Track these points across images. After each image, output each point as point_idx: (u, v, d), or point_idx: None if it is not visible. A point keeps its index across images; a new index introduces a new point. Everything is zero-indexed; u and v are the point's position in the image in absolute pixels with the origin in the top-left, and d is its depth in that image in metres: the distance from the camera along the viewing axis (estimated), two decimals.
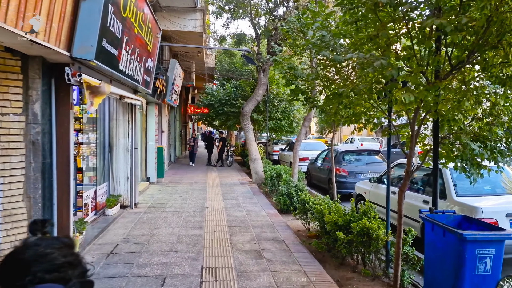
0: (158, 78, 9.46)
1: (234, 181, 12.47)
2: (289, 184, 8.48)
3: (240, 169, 16.23)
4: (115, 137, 7.76)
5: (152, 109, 11.43)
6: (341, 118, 5.29)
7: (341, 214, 5.19)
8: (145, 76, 7.31)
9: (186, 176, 13.54)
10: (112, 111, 7.74)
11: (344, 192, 9.54)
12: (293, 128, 17.11)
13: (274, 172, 10.07)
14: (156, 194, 9.84)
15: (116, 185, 7.80)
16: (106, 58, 4.56)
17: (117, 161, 7.77)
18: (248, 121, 11.86)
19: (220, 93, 16.19)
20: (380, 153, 10.62)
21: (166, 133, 15.51)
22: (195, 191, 10.28)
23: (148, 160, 11.40)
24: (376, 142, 26.07)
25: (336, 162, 10.17)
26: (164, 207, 8.22)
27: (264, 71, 11.64)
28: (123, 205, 7.83)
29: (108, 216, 6.98)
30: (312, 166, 12.08)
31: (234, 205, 8.46)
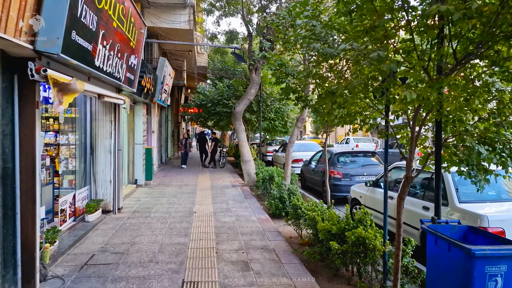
0: (144, 77, 9.05)
1: (226, 183, 12.07)
2: (282, 187, 8.12)
3: (233, 171, 15.84)
4: (97, 138, 7.34)
5: (140, 109, 11.00)
6: (334, 118, 4.93)
7: (335, 222, 4.82)
8: (128, 74, 6.89)
9: (177, 178, 13.12)
10: (94, 111, 7.31)
11: (339, 196, 9.20)
12: (287, 128, 16.76)
13: (266, 174, 9.70)
14: (143, 197, 9.41)
15: (98, 189, 7.37)
16: (77, 52, 4.15)
17: (99, 164, 7.34)
18: (240, 122, 11.48)
19: (212, 93, 15.79)
20: (376, 155, 10.29)
21: (157, 134, 15.07)
22: (184, 194, 9.87)
23: (136, 162, 10.97)
24: (372, 143, 25.81)
25: (330, 164, 9.82)
26: (150, 211, 7.81)
27: (256, 70, 11.26)
28: (106, 210, 7.40)
29: (88, 222, 6.55)
30: (306, 168, 11.72)
31: (223, 210, 8.07)
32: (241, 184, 11.93)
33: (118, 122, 7.58)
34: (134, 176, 10.99)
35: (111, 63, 5.56)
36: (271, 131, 17.23)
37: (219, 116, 15.77)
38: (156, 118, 14.94)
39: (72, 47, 3.96)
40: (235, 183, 12.15)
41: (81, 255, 5.12)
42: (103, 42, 4.97)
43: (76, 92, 4.34)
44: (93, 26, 4.46)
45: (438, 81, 2.41)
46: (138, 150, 11.01)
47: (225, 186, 11.48)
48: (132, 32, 6.50)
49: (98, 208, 7.02)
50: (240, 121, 11.47)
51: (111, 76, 5.76)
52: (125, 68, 6.50)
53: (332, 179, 9.30)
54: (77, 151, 7.05)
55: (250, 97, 11.40)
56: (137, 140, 10.99)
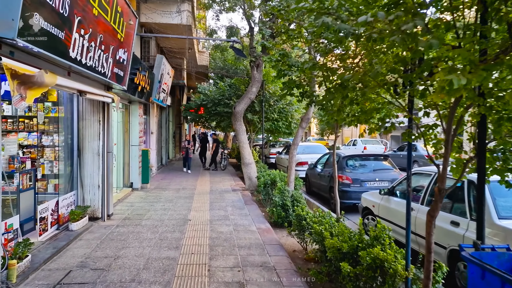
0: (138, 74, 8.46)
1: (226, 187, 11.43)
2: (284, 193, 7.46)
3: (234, 173, 15.20)
4: (84, 139, 6.75)
5: (135, 109, 10.42)
6: (345, 117, 4.28)
7: (346, 238, 4.16)
8: (116, 69, 6.29)
9: (175, 181, 12.51)
10: (81, 110, 6.72)
11: (347, 203, 8.52)
12: (291, 129, 16.08)
13: (268, 178, 9.05)
14: (137, 202, 8.81)
15: (86, 194, 6.77)
16: (43, 40, 3.54)
17: (86, 167, 6.75)
18: (241, 122, 10.84)
19: (213, 92, 15.17)
20: (389, 158, 9.58)
21: (156, 135, 14.50)
22: (180, 199, 9.26)
23: (132, 164, 10.38)
24: (381, 144, 24.98)
25: (338, 168, 9.12)
26: (141, 219, 7.19)
27: (258, 67, 10.63)
28: (94, 217, 6.80)
29: (71, 231, 5.95)
30: (311, 172, 11.05)
31: (221, 218, 7.43)
32: (242, 188, 11.29)
33: (108, 122, 6.99)
34: (130, 179, 10.40)
35: (92, 55, 4.96)
36: (274, 132, 16.57)
37: (220, 117, 15.15)
38: (155, 119, 14.37)
39: (35, 33, 3.35)
40: (235, 187, 11.51)
41: (56, 271, 4.51)
42: (79, 30, 4.36)
43: (44, 86, 3.73)
44: (64, 10, 3.85)
45: (496, 62, 1.77)
46: (134, 152, 10.42)
47: (225, 190, 10.85)
48: (119, 23, 5.89)
49: (84, 215, 6.42)
50: (241, 121, 10.84)
51: (93, 71, 5.16)
52: (111, 63, 5.89)
53: (340, 184, 8.62)
54: (62, 153, 6.47)
55: (251, 95, 10.76)
56: (133, 142, 10.41)
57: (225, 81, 15.52)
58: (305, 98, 5.01)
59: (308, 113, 7.75)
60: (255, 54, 10.52)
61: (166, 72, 12.55)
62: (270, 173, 9.58)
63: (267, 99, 14.62)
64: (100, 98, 5.99)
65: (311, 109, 7.72)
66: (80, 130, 6.73)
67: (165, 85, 12.91)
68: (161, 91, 12.41)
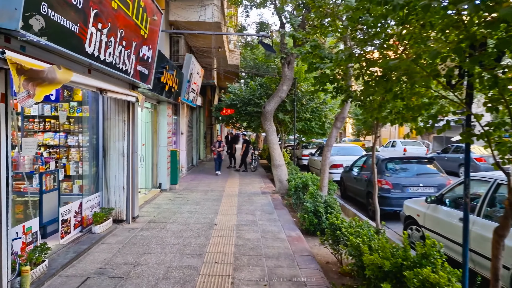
0: (165, 73, 8.26)
1: (255, 189, 11.03)
2: (317, 198, 6.92)
3: (265, 175, 14.77)
4: (109, 139, 6.61)
5: (164, 109, 10.28)
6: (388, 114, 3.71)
7: (388, 254, 3.59)
8: (140, 67, 6.07)
9: (204, 182, 12.29)
10: (106, 110, 6.59)
11: (387, 210, 7.81)
12: (325, 129, 15.38)
13: (299, 182, 8.54)
14: (164, 204, 8.62)
15: (111, 196, 6.63)
16: (52, 32, 3.29)
17: (111, 168, 6.60)
18: (271, 122, 10.39)
19: (243, 92, 14.83)
20: (435, 162, 8.71)
21: (186, 135, 14.40)
22: (208, 202, 8.97)
23: (160, 165, 10.26)
24: (422, 146, 23.47)
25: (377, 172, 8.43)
26: (167, 222, 6.95)
27: (289, 64, 10.13)
28: (118, 219, 6.64)
29: (94, 234, 5.79)
30: (347, 175, 10.37)
31: (248, 223, 7.02)
32: (271, 191, 10.83)
33: (133, 122, 6.81)
34: (158, 180, 10.28)
35: (111, 51, 4.72)
36: (306, 133, 15.94)
37: (250, 117, 14.78)
38: (186, 119, 14.28)
39: (41, 24, 3.10)
40: (265, 189, 11.07)
41: (73, 278, 4.30)
42: (96, 24, 4.12)
43: (57, 83, 3.49)
44: (77, 2, 3.60)
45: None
46: (163, 153, 10.29)
47: (254, 193, 10.44)
48: (142, 19, 5.65)
49: (108, 218, 6.26)
50: (271, 121, 10.38)
51: (114, 68, 4.93)
52: (134, 60, 5.67)
53: (380, 190, 7.91)
54: (87, 154, 6.35)
55: (282, 94, 10.28)
56: (161, 142, 10.28)
57: (256, 80, 15.14)
58: (340, 93, 4.48)
59: (343, 111, 7.15)
60: (286, 51, 10.04)
61: (196, 72, 12.37)
62: (301, 176, 9.06)
63: (299, 98, 14.06)
64: (123, 97, 5.78)
65: (346, 107, 7.12)
66: (105, 130, 6.59)
67: (195, 84, 12.74)
68: (190, 91, 12.24)
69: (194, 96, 13.28)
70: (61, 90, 6.13)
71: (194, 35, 11.68)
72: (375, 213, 5.05)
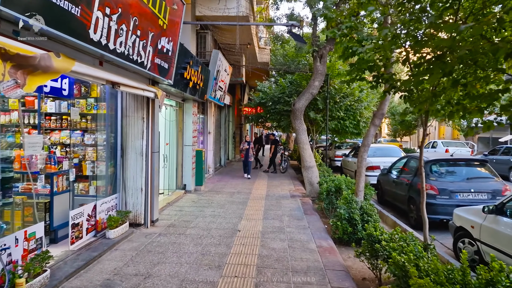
0: (188, 68, 7.84)
1: (284, 192, 10.38)
2: (352, 204, 6.20)
3: (295, 177, 14.08)
4: (127, 138, 6.26)
5: (189, 107, 9.91)
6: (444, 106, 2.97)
7: (442, 279, 2.87)
8: (159, 60, 5.65)
9: (231, 183, 11.81)
10: (125, 106, 6.25)
11: (432, 218, 6.87)
12: (360, 129, 14.40)
13: (331, 185, 7.81)
14: (187, 206, 8.20)
15: (128, 198, 6.27)
16: (48, 13, 2.87)
17: (129, 168, 6.25)
18: (301, 120, 9.70)
19: (272, 90, 14.21)
20: (488, 164, 7.65)
21: (213, 135, 14.03)
22: (233, 205, 8.45)
23: (185, 165, 9.90)
24: (466, 147, 21.70)
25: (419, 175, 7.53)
26: (187, 226, 6.49)
27: (322, 58, 9.41)
28: (136, 223, 6.27)
29: (108, 239, 5.43)
30: (384, 178, 9.47)
31: (275, 229, 6.41)
32: (301, 194, 10.14)
33: (153, 120, 6.42)
34: (183, 181, 9.92)
35: (123, 41, 4.30)
36: (340, 133, 15.03)
37: (279, 116, 14.13)
38: (213, 118, 13.91)
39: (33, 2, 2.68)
40: (294, 192, 10.40)
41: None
42: (103, 9, 3.69)
43: (53, 72, 3.08)
44: None
45: None
46: (188, 153, 9.92)
47: (283, 196, 9.80)
48: (160, 8, 5.22)
49: (124, 221, 5.89)
50: (301, 119, 9.70)
51: (126, 59, 4.51)
52: (151, 52, 5.24)
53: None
54: (105, 153, 6.03)
55: (313, 90, 9.56)
56: (186, 141, 9.92)
57: (286, 78, 14.48)
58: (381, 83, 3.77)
59: (382, 107, 6.35)
60: (318, 43, 9.34)
61: (223, 69, 11.94)
62: (334, 179, 8.32)
63: (332, 95, 13.23)
64: (139, 92, 5.37)
65: (386, 102, 6.32)
66: (123, 128, 6.25)
67: (222, 82, 12.31)
68: (217, 89, 11.82)
69: (221, 94, 12.86)
70: (78, 85, 5.84)
71: (221, 30, 11.24)
72: (422, 224, 4.27)
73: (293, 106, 9.65)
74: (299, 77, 13.79)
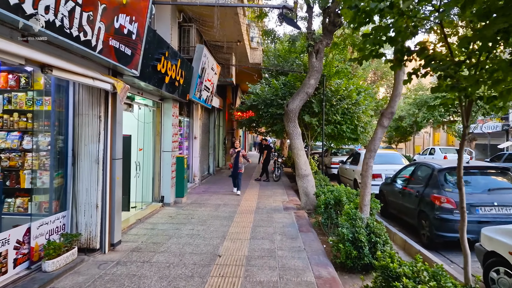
0: (163, 60, 6.69)
1: (276, 204, 9.21)
2: (356, 222, 5.07)
3: (289, 186, 12.92)
4: (80, 141, 5.06)
5: (169, 107, 8.74)
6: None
7: None
8: (115, 42, 4.49)
9: (218, 194, 10.60)
10: (77, 102, 5.06)
11: (449, 237, 5.80)
12: (358, 134, 13.35)
13: (330, 197, 6.68)
14: (161, 223, 6.98)
15: (80, 216, 5.05)
16: None
17: (82, 179, 5.04)
18: (295, 123, 8.57)
19: (264, 92, 13.10)
20: (510, 173, 6.59)
21: (200, 140, 12.85)
22: (217, 220, 7.25)
23: (163, 174, 8.69)
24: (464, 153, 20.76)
25: (432, 185, 6.42)
26: (156, 251, 5.28)
27: (318, 53, 8.33)
28: (89, 248, 5.04)
29: (45, 273, 4.19)
30: (388, 188, 8.35)
31: (264, 253, 5.23)
32: (296, 206, 8.98)
33: (113, 119, 5.24)
34: (161, 192, 8.70)
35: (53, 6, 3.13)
36: (336, 138, 13.95)
37: (272, 120, 13.00)
38: (200, 122, 12.74)
39: None
40: (288, 204, 9.23)
41: None
42: None
43: None
44: None
45: None
46: (167, 160, 8.72)
47: (275, 208, 8.62)
48: None
49: (72, 247, 4.66)
50: (295, 122, 8.57)
51: (59, 33, 3.34)
52: (102, 30, 4.08)
53: (438, 210, 5.91)
54: (50, 160, 4.82)
55: (309, 89, 8.46)
56: (165, 147, 8.72)
57: (279, 79, 13.38)
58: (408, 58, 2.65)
59: (391, 104, 5.21)
60: (313, 36, 8.27)
61: (210, 67, 10.81)
62: (333, 189, 7.18)
63: (329, 97, 12.16)
64: (87, 81, 4.19)
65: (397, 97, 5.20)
66: (75, 128, 5.06)
67: (209, 82, 11.17)
68: (203, 89, 10.68)
69: (208, 95, 11.71)
70: (15, 75, 4.65)
71: (208, 24, 10.14)
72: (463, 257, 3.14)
73: (286, 107, 8.53)
74: (293, 77, 12.72)
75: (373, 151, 5.43)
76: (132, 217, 7.16)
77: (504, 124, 23.59)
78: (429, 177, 6.56)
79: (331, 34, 8.44)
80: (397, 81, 4.94)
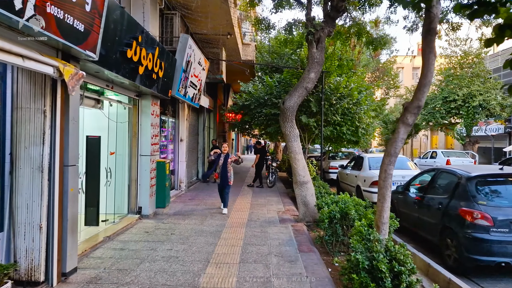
0: (136, 47, 5.58)
1: (271, 214, 8.11)
2: (371, 243, 4.01)
3: (284, 192, 11.83)
4: (19, 143, 3.92)
5: (147, 105, 7.60)
6: None
7: None
8: (58, 10, 3.37)
9: (206, 202, 9.48)
10: (16, 93, 3.93)
11: (485, 261, 4.72)
12: (359, 136, 12.35)
13: (335, 209, 5.59)
14: (134, 241, 5.82)
15: (18, 239, 3.90)
16: None
17: (21, 192, 3.90)
18: (293, 124, 7.49)
19: (258, 90, 12.04)
20: None
21: (187, 143, 11.71)
22: (201, 236, 6.13)
23: (141, 182, 7.53)
24: (468, 157, 19.91)
25: (461, 197, 5.34)
26: (119, 283, 4.14)
27: (319, 42, 7.28)
28: (30, 280, 3.88)
29: None
30: (400, 197, 7.28)
31: (256, 284, 4.11)
32: (293, 216, 7.89)
33: (63, 114, 4.11)
34: (138, 202, 7.54)
35: None
36: (335, 140, 12.94)
37: (266, 121, 11.91)
38: (187, 123, 11.61)
39: None
40: (284, 215, 8.14)
41: None
42: None
43: None
44: None
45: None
46: (145, 165, 7.57)
47: (270, 220, 7.52)
48: None
49: (2, 283, 3.51)
50: (292, 122, 7.49)
51: None
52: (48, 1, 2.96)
53: (470, 227, 4.84)
54: None
55: (308, 84, 7.39)
56: (142, 150, 7.58)
57: (274, 77, 12.33)
58: None
59: (418, 96, 4.10)
60: (314, 23, 7.23)
61: (197, 61, 9.71)
62: (337, 199, 6.10)
63: (328, 96, 11.13)
64: (13, 60, 3.06)
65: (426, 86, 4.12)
66: (13, 126, 3.92)
67: (195, 78, 10.07)
68: (189, 85, 9.57)
69: (195, 93, 10.60)
70: None
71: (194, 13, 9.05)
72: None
73: (283, 105, 7.44)
74: (288, 74, 11.66)
75: (393, 155, 4.35)
76: (101, 233, 6.02)
77: (507, 126, 22.80)
78: (455, 186, 5.51)
79: (333, 21, 7.42)
80: (427, 66, 3.90)
